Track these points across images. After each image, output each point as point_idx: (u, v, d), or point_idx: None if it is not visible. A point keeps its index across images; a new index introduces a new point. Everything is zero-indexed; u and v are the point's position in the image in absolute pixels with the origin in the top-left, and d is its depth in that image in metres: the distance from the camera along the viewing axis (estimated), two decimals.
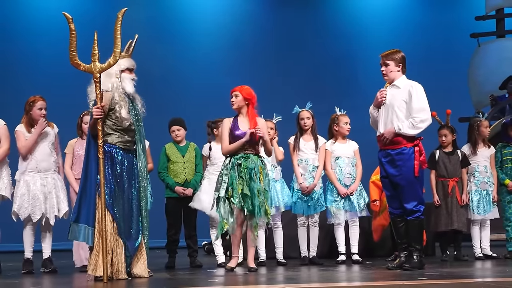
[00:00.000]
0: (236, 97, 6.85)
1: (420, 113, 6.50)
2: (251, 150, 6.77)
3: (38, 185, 7.08)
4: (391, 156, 6.62)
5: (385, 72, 6.71)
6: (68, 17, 6.05)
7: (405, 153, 6.57)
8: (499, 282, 5.61)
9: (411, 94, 6.56)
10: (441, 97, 8.41)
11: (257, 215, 6.64)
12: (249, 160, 6.70)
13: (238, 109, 6.87)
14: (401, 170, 6.58)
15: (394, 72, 6.69)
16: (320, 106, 8.05)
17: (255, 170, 6.68)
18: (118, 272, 6.05)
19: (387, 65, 6.69)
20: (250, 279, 6.19)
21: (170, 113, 8.36)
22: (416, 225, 6.64)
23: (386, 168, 6.67)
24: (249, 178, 6.65)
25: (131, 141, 6.34)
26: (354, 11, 14.20)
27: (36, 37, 12.51)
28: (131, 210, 6.24)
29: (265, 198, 6.71)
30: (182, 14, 13.48)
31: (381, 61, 6.73)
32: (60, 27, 11.74)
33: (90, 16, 11.14)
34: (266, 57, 13.30)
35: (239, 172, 6.67)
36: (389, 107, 6.63)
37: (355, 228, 7.79)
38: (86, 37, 6.32)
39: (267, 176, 6.83)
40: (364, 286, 5.62)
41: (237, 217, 6.68)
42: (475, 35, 12.96)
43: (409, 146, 6.57)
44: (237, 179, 6.65)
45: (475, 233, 8.08)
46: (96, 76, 6.04)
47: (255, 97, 6.88)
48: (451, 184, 7.92)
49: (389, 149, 6.63)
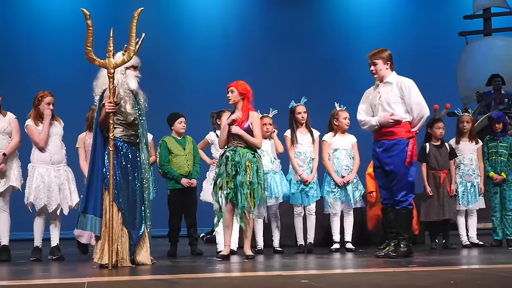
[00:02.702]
0: (232, 93, 6.84)
1: (420, 109, 6.54)
2: (240, 143, 6.73)
3: (52, 176, 7.13)
4: (386, 146, 6.60)
5: (374, 71, 6.70)
6: (86, 13, 6.00)
7: (401, 144, 6.57)
8: (485, 269, 5.60)
9: (405, 90, 6.57)
10: (430, 93, 8.38)
11: (238, 206, 6.62)
12: (236, 153, 6.68)
13: (234, 104, 6.86)
14: (394, 160, 6.58)
15: (383, 70, 6.68)
16: (314, 102, 8.04)
17: (241, 163, 6.65)
18: (123, 260, 6.05)
19: (376, 64, 6.68)
20: (248, 266, 6.18)
21: (170, 108, 8.33)
22: (404, 215, 6.64)
23: (380, 158, 6.64)
24: (235, 170, 6.62)
25: (135, 135, 6.33)
26: (349, 10, 14.18)
27: (42, 34, 12.48)
28: (135, 201, 6.24)
29: (250, 190, 6.66)
30: (185, 13, 13.46)
31: (369, 61, 6.71)
32: (67, 25, 11.85)
33: (96, 14, 11.08)
34: (264, 55, 13.28)
35: (226, 165, 6.66)
36: (385, 104, 6.61)
37: (350, 218, 7.80)
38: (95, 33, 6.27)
39: (259, 169, 6.77)
40: (357, 273, 5.60)
41: (227, 207, 6.67)
42: (463, 33, 12.94)
43: (404, 137, 6.57)
44: (225, 172, 6.66)
45: (461, 223, 8.09)
46: (110, 71, 6.00)
47: (250, 92, 6.86)
48: (442, 176, 7.93)
49: (385, 140, 6.61)
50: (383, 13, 14.18)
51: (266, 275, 5.58)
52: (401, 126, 6.58)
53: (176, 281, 5.08)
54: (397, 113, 6.56)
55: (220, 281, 5.23)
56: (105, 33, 6.06)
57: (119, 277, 5.42)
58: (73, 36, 6.12)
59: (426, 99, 6.60)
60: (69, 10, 11.91)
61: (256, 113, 6.94)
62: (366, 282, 4.78)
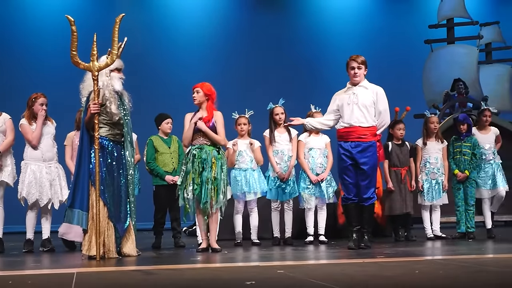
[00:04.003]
0: (197, 93, 6.76)
1: (386, 116, 6.71)
2: (206, 141, 6.68)
3: (44, 173, 7.12)
4: (363, 147, 6.63)
5: (359, 74, 6.71)
6: (71, 19, 5.97)
7: (373, 146, 6.68)
8: (448, 259, 5.65)
9: (379, 97, 6.69)
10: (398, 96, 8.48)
11: (202, 201, 6.55)
12: (203, 150, 6.63)
13: (199, 104, 6.76)
14: (369, 160, 6.64)
15: (363, 75, 6.74)
16: (291, 103, 8.04)
17: (207, 160, 6.61)
18: (110, 252, 6.04)
19: (360, 68, 6.71)
20: (227, 257, 6.16)
21: (155, 108, 8.30)
22: (370, 210, 6.75)
23: (357, 158, 6.64)
24: (202, 167, 6.59)
25: (120, 134, 6.32)
26: (324, 17, 14.20)
27: (34, 38, 12.36)
28: (120, 196, 6.23)
29: (214, 186, 6.59)
30: (168, 18, 13.38)
31: (355, 64, 6.69)
32: (60, 27, 11.73)
33: (83, 19, 11.00)
34: (245, 57, 13.26)
35: (193, 162, 6.60)
36: (360, 105, 6.64)
37: (323, 213, 7.81)
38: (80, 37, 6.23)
39: (223, 165, 6.67)
40: (329, 264, 5.61)
41: (195, 203, 6.62)
42: (429, 41, 13.01)
43: (374, 140, 6.70)
44: (191, 169, 6.59)
45: (425, 217, 8.13)
46: (94, 74, 6.00)
47: (214, 93, 6.78)
48: (403, 173, 8.00)
49: (360, 141, 6.64)
50: (356, 21, 14.23)
51: (244, 265, 5.58)
52: (372, 129, 6.65)
53: (160, 271, 5.07)
54: (370, 115, 6.64)
55: (201, 271, 5.21)
56: (90, 36, 6.03)
57: (107, 268, 5.39)
58: (66, 39, 6.06)
59: (393, 101, 6.70)
60: (62, 12, 11.81)
61: (219, 113, 6.79)
62: (338, 272, 4.78)
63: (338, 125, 6.81)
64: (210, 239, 6.68)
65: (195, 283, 4.34)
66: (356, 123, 6.66)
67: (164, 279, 4.60)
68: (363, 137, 6.64)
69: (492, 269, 4.81)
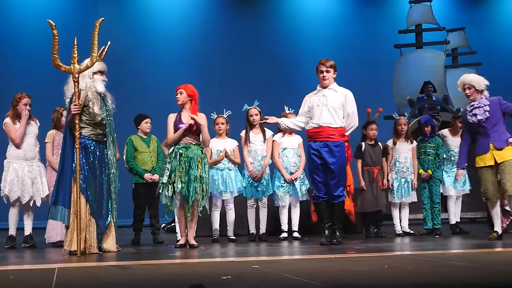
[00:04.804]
0: (181, 94, 6.76)
1: (354, 118, 6.76)
2: (192, 140, 6.68)
3: (26, 171, 7.07)
4: (330, 147, 6.67)
5: (327, 77, 6.75)
6: (52, 24, 5.97)
7: (341, 146, 6.72)
8: (416, 254, 5.70)
9: (347, 100, 6.73)
10: (369, 98, 8.54)
11: (190, 199, 6.55)
12: (189, 150, 6.62)
13: (182, 104, 6.77)
14: (338, 160, 6.67)
15: (332, 78, 6.76)
16: (265, 105, 8.06)
17: (194, 159, 6.60)
18: (91, 247, 6.03)
19: (329, 72, 6.74)
20: (205, 253, 6.16)
21: (134, 109, 8.27)
22: (340, 207, 6.78)
23: (325, 157, 6.67)
24: (188, 166, 6.58)
25: (102, 134, 6.31)
26: (298, 22, 14.20)
27: (20, 39, 12.24)
28: (102, 193, 6.23)
29: (201, 183, 6.60)
30: (148, 21, 13.26)
31: (323, 68, 6.74)
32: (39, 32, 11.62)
33: (66, 21, 10.92)
34: (220, 60, 13.23)
35: (179, 160, 6.58)
36: (329, 107, 6.67)
37: (297, 210, 7.83)
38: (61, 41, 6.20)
39: (205, 164, 6.70)
40: (302, 259, 5.64)
41: (179, 200, 6.60)
42: (398, 46, 13.09)
43: (342, 140, 6.74)
44: (178, 167, 6.56)
45: (395, 214, 8.20)
46: (75, 76, 6.00)
47: (197, 94, 6.79)
48: (376, 172, 8.04)
49: (328, 141, 6.67)
50: (329, 26, 14.26)
51: (221, 261, 5.59)
52: (340, 130, 6.70)
53: (139, 267, 5.06)
54: (339, 116, 6.68)
55: (178, 266, 5.22)
56: (70, 40, 6.02)
57: (87, 263, 5.37)
58: (50, 41, 6.02)
59: (364, 103, 6.75)
60: (46, 13, 11.70)
61: (203, 114, 6.79)
62: (310, 267, 4.81)
63: (308, 126, 6.84)
64: (189, 236, 6.67)
65: (174, 278, 4.34)
66: (325, 124, 6.70)
67: (143, 274, 4.59)
68: (331, 137, 6.67)
69: (456, 264, 4.88)
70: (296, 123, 7.00)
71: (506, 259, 5.39)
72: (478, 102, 6.99)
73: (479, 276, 4.16)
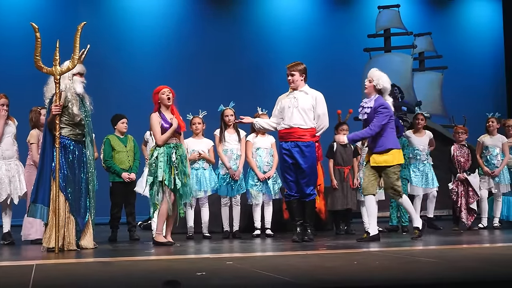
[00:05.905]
0: (172, 96, 6.74)
1: (325, 119, 6.79)
2: (176, 139, 6.66)
3: (4, 170, 7.02)
4: (300, 148, 6.71)
5: (292, 80, 6.79)
6: (35, 27, 5.97)
7: (312, 146, 6.75)
8: (383, 251, 5.76)
9: (318, 101, 6.75)
10: (340, 99, 8.59)
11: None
12: (180, 148, 6.63)
13: (172, 105, 6.76)
14: (308, 159, 6.70)
15: (298, 80, 6.79)
16: (240, 106, 8.08)
17: (183, 156, 6.62)
18: (70, 244, 6.03)
19: (293, 75, 6.78)
20: (179, 250, 6.16)
21: (110, 109, 8.23)
22: (311, 205, 6.82)
23: (296, 157, 6.72)
24: (181, 163, 6.58)
25: (81, 134, 6.30)
26: (271, 25, 14.20)
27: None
28: (81, 192, 6.21)
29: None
30: (123, 22, 13.15)
31: (288, 72, 6.80)
32: (20, 34, 11.50)
33: (48, 24, 10.81)
34: (195, 62, 13.19)
35: (171, 158, 6.58)
36: (299, 109, 6.71)
37: (269, 208, 7.86)
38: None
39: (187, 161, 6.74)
40: (275, 256, 5.67)
41: (170, 198, 6.60)
42: (367, 49, 13.20)
43: (313, 140, 6.77)
44: (171, 165, 6.54)
45: (364, 212, 8.24)
46: (56, 78, 6.01)
47: (174, 95, 6.77)
48: (346, 171, 8.10)
49: (298, 141, 6.71)
50: (301, 28, 14.30)
51: (196, 257, 5.60)
52: (311, 131, 6.74)
53: (116, 263, 5.05)
54: (309, 118, 6.72)
55: (154, 262, 5.22)
56: (51, 42, 6.00)
57: (65, 260, 5.35)
58: (32, 42, 5.98)
59: (335, 105, 6.77)
60: (27, 15, 11.59)
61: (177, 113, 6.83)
62: (283, 263, 4.84)
63: (280, 127, 6.87)
64: (166, 233, 6.67)
65: (149, 274, 4.35)
66: (295, 125, 6.74)
67: (120, 270, 4.59)
68: (302, 138, 6.72)
69: (422, 260, 4.95)
70: (270, 123, 7.03)
71: (471, 254, 5.47)
72: (366, 101, 6.85)
73: (444, 272, 4.23)
